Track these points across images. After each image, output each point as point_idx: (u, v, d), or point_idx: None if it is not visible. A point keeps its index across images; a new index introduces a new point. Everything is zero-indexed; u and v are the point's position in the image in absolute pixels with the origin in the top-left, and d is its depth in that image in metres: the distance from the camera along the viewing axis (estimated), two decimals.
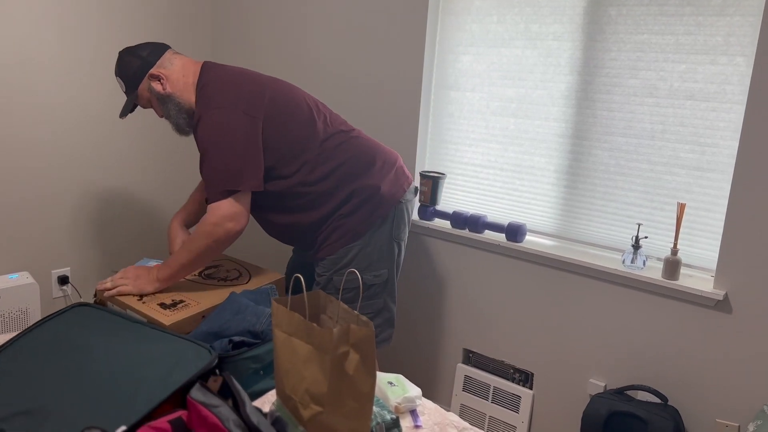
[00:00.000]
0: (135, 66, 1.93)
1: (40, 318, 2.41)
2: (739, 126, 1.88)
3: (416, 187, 2.14)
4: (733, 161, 1.90)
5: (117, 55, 2.66)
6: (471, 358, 2.50)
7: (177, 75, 1.93)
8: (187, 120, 1.97)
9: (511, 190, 2.37)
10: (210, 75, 1.92)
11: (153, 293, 1.88)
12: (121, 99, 2.72)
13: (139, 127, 2.82)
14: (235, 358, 1.42)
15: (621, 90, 2.08)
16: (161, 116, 2.01)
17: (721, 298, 1.91)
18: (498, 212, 2.41)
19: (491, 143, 2.38)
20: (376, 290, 2.03)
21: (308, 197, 1.95)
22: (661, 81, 2.00)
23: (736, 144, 1.89)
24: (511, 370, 2.40)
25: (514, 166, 2.34)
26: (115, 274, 1.93)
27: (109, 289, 1.88)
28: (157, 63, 1.93)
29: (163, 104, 1.95)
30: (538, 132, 2.27)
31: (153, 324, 1.64)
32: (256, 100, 1.87)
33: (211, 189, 1.83)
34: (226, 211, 1.82)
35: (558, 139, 2.23)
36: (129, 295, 1.87)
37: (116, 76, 1.99)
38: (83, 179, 2.67)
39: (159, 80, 1.93)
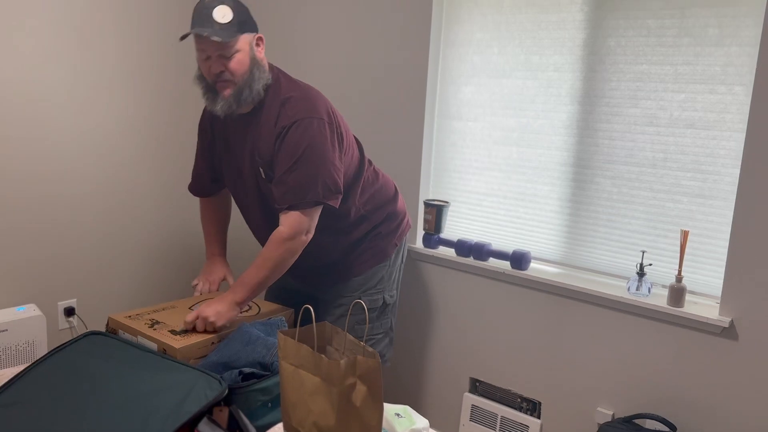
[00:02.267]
0: (252, 20, 1.83)
1: (46, 350, 2.42)
2: (740, 153, 1.90)
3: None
4: (735, 188, 1.92)
5: (125, 85, 2.70)
6: (478, 387, 2.49)
7: (263, 56, 1.89)
8: (263, 94, 1.86)
9: (514, 218, 2.38)
10: (282, 78, 1.90)
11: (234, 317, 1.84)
12: (129, 132, 2.76)
13: (146, 159, 2.85)
14: (245, 389, 1.43)
15: (622, 119, 2.10)
16: (221, 72, 1.79)
17: (726, 325, 1.91)
18: (502, 240, 2.42)
19: (494, 172, 2.40)
20: (390, 310, 2.15)
21: (356, 220, 2.04)
22: (661, 110, 2.03)
23: (737, 171, 1.90)
24: (518, 399, 2.38)
25: (518, 194, 2.36)
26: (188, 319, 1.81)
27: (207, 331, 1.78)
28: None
29: (257, 69, 1.84)
30: (540, 160, 2.29)
31: (164, 352, 1.66)
32: (341, 122, 1.93)
33: (296, 196, 1.81)
34: (303, 224, 1.83)
35: (560, 167, 2.25)
36: (216, 325, 1.79)
37: (223, 4, 1.77)
38: (89, 211, 2.69)
39: (260, 47, 1.86)
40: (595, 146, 2.17)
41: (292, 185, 1.81)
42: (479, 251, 2.37)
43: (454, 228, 2.54)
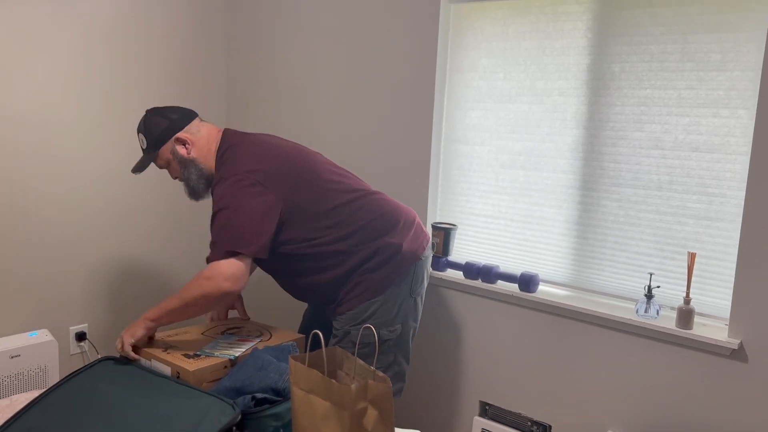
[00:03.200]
0: (162, 126, 2.00)
1: (58, 375, 2.43)
2: (745, 176, 1.92)
3: (433, 243, 2.19)
4: (741, 210, 1.93)
5: (134, 112, 2.76)
6: (488, 410, 2.49)
7: (203, 142, 2.02)
8: (205, 185, 2.05)
9: (522, 241, 2.40)
10: (231, 141, 2.01)
11: (145, 335, 1.86)
12: (139, 156, 2.80)
13: (157, 186, 2.89)
14: (257, 415, 1.44)
15: (627, 142, 2.13)
16: (175, 178, 2.08)
17: (736, 347, 1.91)
18: (510, 262, 2.43)
19: (501, 195, 2.42)
20: (389, 345, 2.06)
21: (333, 257, 1.99)
22: (665, 134, 2.05)
23: (743, 193, 1.92)
24: (529, 423, 2.38)
25: (525, 217, 2.38)
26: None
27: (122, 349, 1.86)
28: (185, 128, 2.02)
29: (185, 168, 2.03)
30: (547, 183, 2.31)
31: (177, 375, 1.67)
32: (276, 172, 1.93)
33: (215, 248, 1.88)
34: (224, 270, 1.84)
35: (567, 190, 2.27)
36: (127, 343, 1.83)
37: (139, 132, 2.04)
38: (100, 236, 2.73)
39: (185, 145, 2.01)
40: (600, 169, 2.19)
41: (211, 239, 1.90)
42: (487, 274, 2.38)
43: (461, 251, 2.56)
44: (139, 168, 2.06)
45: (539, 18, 2.26)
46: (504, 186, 2.42)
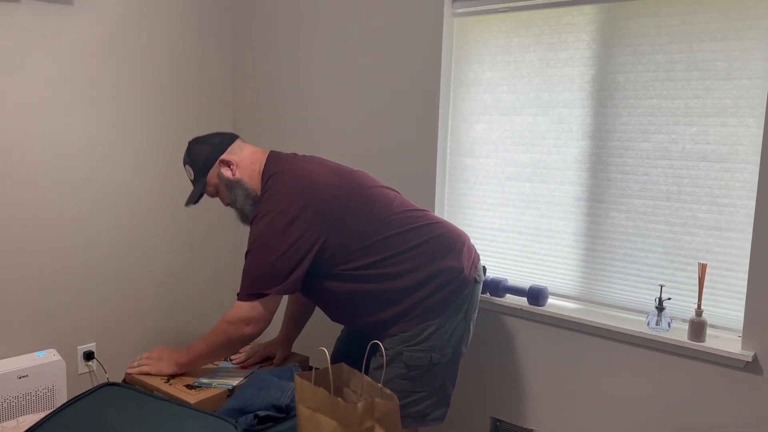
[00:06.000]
0: (206, 152, 1.99)
1: (66, 395, 2.42)
2: (755, 185, 1.89)
3: (484, 267, 2.13)
4: (752, 220, 1.90)
5: (145, 124, 2.77)
6: (499, 427, 2.45)
7: (246, 162, 1.98)
8: (252, 207, 1.99)
9: (530, 254, 2.38)
10: (277, 167, 1.95)
11: (171, 375, 1.90)
12: (145, 180, 2.81)
13: (168, 205, 2.89)
14: None
15: (634, 153, 2.11)
16: (227, 204, 2.04)
17: (750, 360, 1.87)
18: (518, 275, 2.41)
19: (508, 207, 2.41)
20: (438, 369, 1.96)
21: (387, 284, 1.91)
22: (673, 143, 2.04)
23: (753, 203, 1.89)
24: None
25: (532, 230, 2.36)
26: (143, 354, 1.97)
27: (134, 369, 1.95)
28: (228, 149, 1.99)
29: (232, 190, 1.99)
30: (554, 195, 2.30)
31: (179, 402, 1.66)
32: (319, 204, 1.87)
33: (242, 287, 1.86)
34: (246, 314, 1.83)
35: (574, 202, 2.25)
36: (149, 375, 1.90)
37: (185, 164, 2.04)
38: (108, 256, 2.73)
39: (229, 166, 1.98)
40: (608, 180, 2.17)
41: (242, 276, 1.88)
42: (495, 287, 2.36)
43: None
44: (191, 200, 2.04)
45: (543, 30, 2.25)
46: (511, 198, 2.40)
